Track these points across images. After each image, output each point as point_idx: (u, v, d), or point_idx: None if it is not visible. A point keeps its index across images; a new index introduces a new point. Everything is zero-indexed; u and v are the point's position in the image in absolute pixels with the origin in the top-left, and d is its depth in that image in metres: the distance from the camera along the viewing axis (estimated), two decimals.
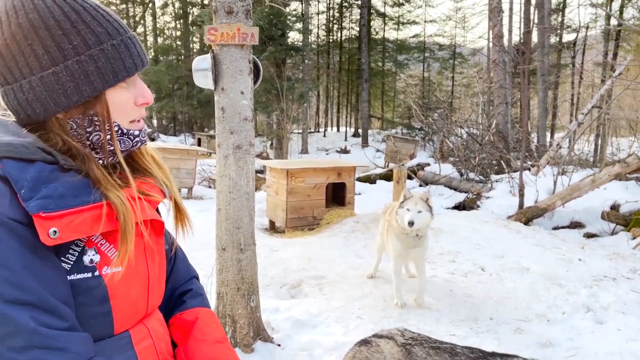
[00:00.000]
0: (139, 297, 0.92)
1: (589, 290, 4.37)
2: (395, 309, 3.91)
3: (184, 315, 1.08)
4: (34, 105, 0.84)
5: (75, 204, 0.80)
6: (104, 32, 0.86)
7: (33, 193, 0.77)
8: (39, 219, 0.76)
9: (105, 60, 0.85)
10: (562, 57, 20.72)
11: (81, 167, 0.86)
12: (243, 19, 3.08)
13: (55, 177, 0.81)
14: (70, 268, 0.82)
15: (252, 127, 3.22)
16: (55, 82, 0.83)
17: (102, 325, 0.86)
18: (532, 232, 6.62)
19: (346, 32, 27.26)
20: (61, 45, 0.83)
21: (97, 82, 0.85)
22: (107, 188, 0.86)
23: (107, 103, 0.88)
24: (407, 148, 13.97)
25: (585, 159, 11.79)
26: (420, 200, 3.72)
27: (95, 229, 0.82)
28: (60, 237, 0.77)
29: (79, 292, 0.82)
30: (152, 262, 0.95)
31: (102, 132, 0.88)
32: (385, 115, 27.17)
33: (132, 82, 0.92)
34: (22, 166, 0.79)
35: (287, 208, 6.64)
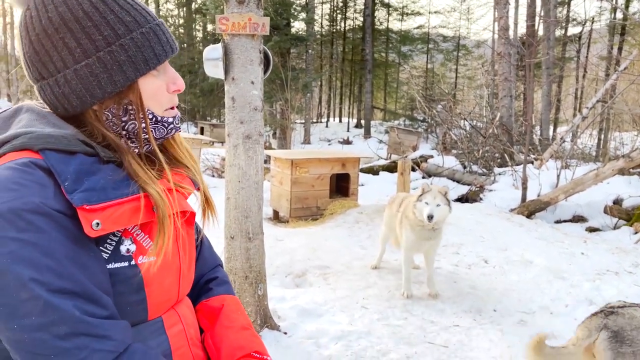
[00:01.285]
0: (171, 285, 0.94)
1: (592, 284, 4.41)
2: (400, 299, 3.95)
3: (211, 302, 1.11)
4: (71, 98, 0.86)
5: (116, 196, 0.82)
6: (132, 20, 0.87)
7: (76, 185, 0.79)
8: (83, 211, 0.78)
9: (135, 49, 0.87)
10: (567, 51, 20.64)
11: (119, 159, 0.88)
12: (254, 9, 3.08)
13: (96, 170, 0.83)
14: (108, 257, 0.84)
15: (261, 117, 3.24)
16: (89, 74, 0.85)
17: (138, 312, 0.88)
18: (535, 225, 6.65)
19: (350, 22, 27.12)
20: (92, 37, 0.84)
21: (130, 71, 0.86)
22: (145, 181, 0.88)
23: (140, 91, 0.89)
24: (409, 140, 13.97)
25: (588, 153, 11.80)
26: (439, 194, 3.74)
27: (135, 220, 0.84)
28: (103, 228, 0.79)
29: (117, 280, 0.84)
30: (184, 252, 0.98)
31: (137, 121, 0.90)
32: (387, 106, 27.11)
33: (163, 69, 0.93)
34: (64, 158, 0.81)
35: (291, 198, 6.67)
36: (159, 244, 0.87)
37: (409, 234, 3.96)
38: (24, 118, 0.88)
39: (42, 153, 0.80)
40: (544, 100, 14.22)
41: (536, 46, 11.29)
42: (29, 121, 0.87)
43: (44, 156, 0.80)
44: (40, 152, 0.80)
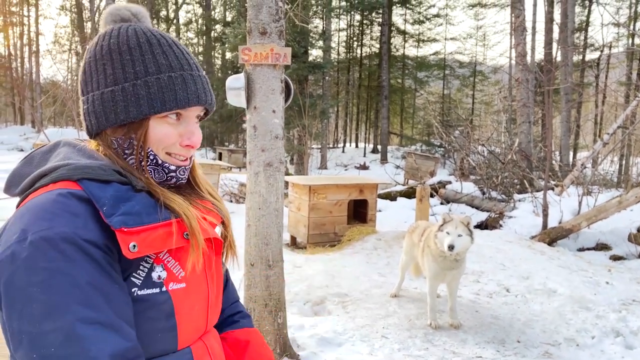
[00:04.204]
0: (200, 314, 0.95)
1: (618, 315, 4.29)
2: (421, 329, 3.89)
3: (237, 333, 1.13)
4: (91, 117, 0.94)
5: (150, 220, 0.85)
6: (166, 64, 0.93)
7: (114, 209, 0.82)
8: (122, 233, 0.81)
9: (157, 88, 0.91)
10: (585, 76, 20.56)
11: (150, 189, 0.92)
12: (276, 40, 3.14)
13: (131, 197, 0.87)
14: (141, 283, 0.85)
15: (282, 145, 3.27)
16: (110, 99, 0.91)
17: (167, 340, 0.89)
18: (556, 253, 6.52)
19: (366, 49, 27.48)
20: (125, 69, 0.92)
21: (144, 106, 0.91)
22: (180, 204, 0.92)
23: (147, 130, 0.93)
24: (427, 165, 13.92)
25: (610, 180, 11.61)
26: (460, 224, 3.70)
27: (168, 245, 0.86)
28: (139, 251, 0.82)
29: (148, 307, 0.85)
30: (212, 280, 0.99)
31: (136, 157, 0.93)
32: (404, 131, 27.16)
33: (184, 121, 0.96)
34: (101, 186, 0.84)
35: (309, 224, 6.67)
36: (192, 264, 0.89)
37: (432, 264, 3.92)
38: (61, 152, 0.93)
39: (80, 183, 0.84)
40: (563, 126, 14.12)
41: (554, 72, 11.27)
42: (67, 154, 0.91)
43: (82, 185, 0.83)
44: (78, 182, 0.84)
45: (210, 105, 0.99)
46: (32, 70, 27.42)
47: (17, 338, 0.75)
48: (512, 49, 18.84)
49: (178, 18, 27.87)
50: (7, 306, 0.76)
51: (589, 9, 20.44)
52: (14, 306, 0.75)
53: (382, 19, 23.40)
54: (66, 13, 28.15)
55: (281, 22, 3.16)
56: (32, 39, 28.13)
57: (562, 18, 13.39)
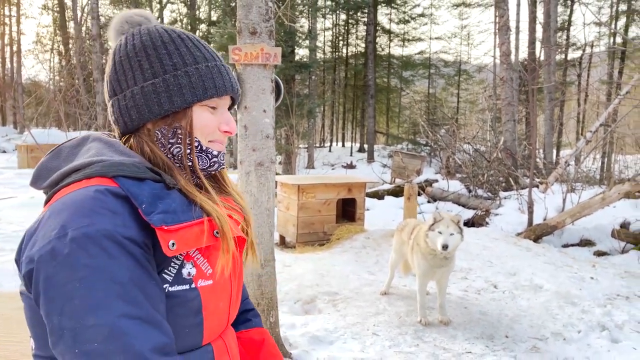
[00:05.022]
0: (223, 311, 0.97)
1: (603, 309, 4.38)
2: (411, 326, 3.93)
3: (251, 333, 1.17)
4: (132, 112, 0.95)
5: (185, 219, 0.87)
6: (201, 55, 0.98)
7: (153, 207, 0.84)
8: (162, 231, 0.82)
9: (197, 77, 0.95)
10: (568, 75, 20.86)
11: (177, 184, 0.93)
12: (266, 40, 3.16)
13: (165, 195, 0.88)
14: (172, 280, 0.87)
15: (273, 144, 3.28)
16: (152, 92, 0.93)
17: (194, 336, 0.91)
18: (542, 249, 6.62)
19: (352, 48, 27.54)
20: (163, 62, 0.94)
21: (188, 95, 0.94)
22: (209, 203, 0.93)
23: (191, 118, 0.96)
24: (413, 164, 14.02)
25: (593, 177, 11.81)
26: (451, 223, 3.74)
27: (200, 243, 0.88)
28: (177, 249, 0.84)
29: (179, 303, 0.87)
30: (234, 278, 1.01)
31: (183, 145, 0.95)
32: (390, 130, 27.29)
33: (220, 110, 1.00)
34: (136, 184, 0.86)
35: (298, 223, 6.68)
36: (221, 267, 0.91)
37: (421, 261, 3.96)
38: (92, 147, 0.94)
39: (116, 180, 0.85)
40: (546, 124, 14.32)
41: (538, 71, 11.43)
42: (99, 150, 0.92)
43: (118, 182, 0.84)
44: (114, 179, 0.85)
45: (238, 95, 1.03)
46: (14, 70, 26.98)
47: (58, 333, 0.76)
48: (496, 48, 19.07)
49: (162, 17, 27.63)
50: (48, 302, 0.77)
51: (571, 8, 20.75)
52: (55, 302, 0.76)
53: (368, 18, 23.48)
54: (48, 12, 27.74)
55: (271, 22, 3.17)
56: (13, 38, 27.68)
57: (545, 18, 13.58)
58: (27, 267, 0.79)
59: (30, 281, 0.80)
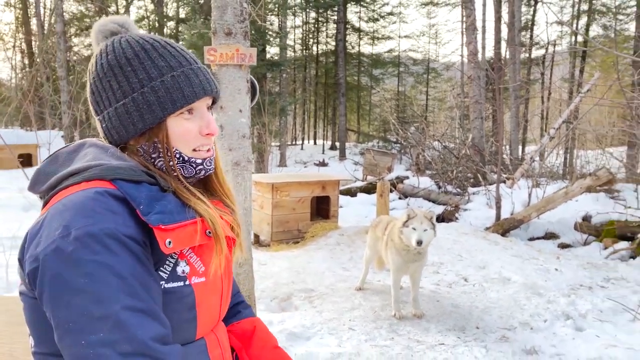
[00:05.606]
0: (215, 306, 1.02)
1: (568, 299, 4.57)
2: (386, 320, 4.03)
3: (242, 324, 1.22)
4: (112, 132, 0.99)
5: (180, 219, 0.92)
6: (166, 65, 0.98)
7: (150, 208, 0.88)
8: (159, 230, 0.87)
9: (164, 91, 0.96)
10: (532, 73, 21.44)
11: (171, 187, 0.98)
12: (241, 40, 3.19)
13: (161, 197, 0.93)
14: (167, 277, 0.92)
15: (249, 144, 3.32)
16: (124, 112, 0.96)
17: (188, 330, 0.96)
18: (510, 243, 6.84)
19: (322, 46, 27.62)
20: (129, 80, 0.96)
21: (158, 111, 0.96)
22: (202, 205, 0.98)
23: (167, 131, 0.98)
24: (384, 161, 14.20)
25: (556, 172, 12.21)
26: (425, 219, 3.84)
27: (193, 242, 0.93)
28: (173, 247, 0.89)
29: (174, 298, 0.92)
30: (225, 275, 1.06)
31: (164, 158, 0.99)
32: (361, 128, 27.51)
33: (198, 113, 1.01)
34: (134, 186, 0.90)
35: (272, 222, 6.72)
36: (214, 266, 0.96)
37: (395, 257, 4.06)
38: (90, 152, 0.98)
39: (115, 182, 0.89)
40: (512, 121, 14.72)
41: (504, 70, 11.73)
42: (97, 155, 0.96)
43: (117, 185, 0.89)
44: (112, 182, 0.89)
45: (216, 93, 1.05)
46: None
47: (64, 327, 0.80)
48: (463, 47, 19.47)
49: (129, 14, 27.11)
50: (54, 297, 0.81)
51: (534, 8, 21.31)
52: (62, 297, 0.80)
53: (338, 16, 23.60)
54: (11, 9, 26.84)
55: (246, 23, 3.21)
56: None
57: (509, 18, 13.94)
58: (32, 265, 0.83)
59: (34, 279, 0.83)
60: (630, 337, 3.84)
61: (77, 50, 22.56)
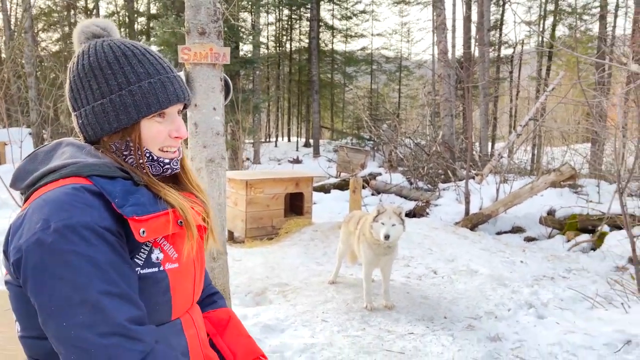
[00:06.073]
0: (188, 290, 1.11)
1: (531, 289, 4.78)
2: (358, 312, 4.15)
3: (218, 313, 1.31)
4: (88, 128, 1.07)
5: (153, 210, 1.00)
6: (144, 72, 1.07)
7: (124, 201, 0.97)
8: (133, 221, 0.96)
9: (140, 95, 1.05)
10: (501, 72, 21.93)
11: (144, 181, 1.06)
12: (215, 39, 3.25)
13: (135, 190, 1.01)
14: (143, 264, 1.01)
15: (223, 141, 3.39)
16: (102, 111, 1.04)
17: (164, 312, 1.05)
18: (478, 237, 7.07)
19: (295, 44, 27.65)
20: (109, 82, 1.05)
21: (133, 112, 1.05)
22: (174, 197, 1.06)
23: (140, 132, 1.07)
24: (358, 158, 14.36)
25: (524, 168, 12.58)
26: (393, 214, 3.98)
27: (166, 231, 1.02)
28: (147, 236, 0.97)
29: (150, 283, 1.01)
30: (198, 262, 1.15)
31: (135, 156, 1.08)
32: (335, 125, 27.67)
33: (170, 118, 1.11)
34: (109, 181, 0.99)
35: (246, 218, 6.78)
36: (187, 251, 1.05)
37: (367, 250, 4.19)
38: (66, 151, 1.05)
39: (91, 179, 0.97)
40: (481, 118, 15.06)
41: (473, 69, 12.02)
42: (73, 153, 1.04)
43: (93, 181, 0.97)
44: (89, 178, 0.97)
45: (188, 100, 1.15)
46: None
47: (47, 311, 0.89)
48: (434, 46, 19.77)
49: (98, 9, 26.58)
50: (37, 285, 0.89)
51: (503, 8, 21.80)
52: (44, 284, 0.88)
53: (311, 14, 23.65)
54: None
55: (219, 23, 3.27)
56: None
57: (479, 17, 14.25)
58: (15, 256, 0.91)
59: (18, 268, 0.92)
60: (587, 324, 4.06)
61: (45, 45, 22.02)
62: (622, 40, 13.82)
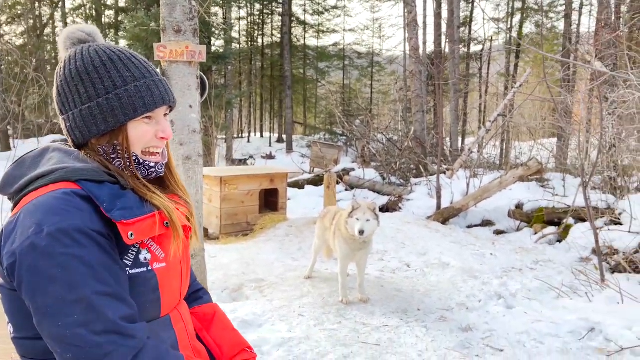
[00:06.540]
0: (176, 288, 1.16)
1: (500, 281, 4.94)
2: (334, 306, 4.23)
3: (204, 308, 1.36)
4: (76, 131, 1.09)
5: (140, 213, 1.04)
6: (130, 76, 1.10)
7: (112, 205, 1.00)
8: (122, 224, 0.99)
9: (127, 99, 1.08)
10: (470, 68, 22.33)
11: (129, 184, 1.09)
12: (191, 38, 3.26)
13: (122, 194, 1.05)
14: (131, 264, 1.05)
15: (199, 138, 3.40)
16: (89, 115, 1.07)
17: (153, 309, 1.09)
18: (449, 231, 7.24)
19: (267, 39, 27.54)
20: (96, 86, 1.07)
21: (120, 115, 1.08)
22: (159, 199, 1.10)
23: (127, 134, 1.10)
24: (331, 153, 14.45)
25: (493, 162, 12.88)
26: (368, 210, 4.05)
27: (153, 232, 1.06)
28: (135, 238, 1.01)
29: (139, 282, 1.05)
30: (183, 259, 1.20)
31: (122, 159, 1.11)
32: (307, 121, 27.70)
33: (155, 119, 1.14)
34: (96, 186, 1.02)
35: (221, 215, 6.77)
36: (173, 250, 1.09)
37: (343, 245, 4.26)
38: (54, 156, 1.08)
39: (79, 183, 1.00)
40: (452, 114, 15.34)
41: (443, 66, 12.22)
42: (61, 159, 1.07)
43: (82, 186, 1.00)
44: (77, 183, 1.00)
45: (174, 102, 1.18)
46: None
47: (42, 312, 0.92)
48: (405, 42, 19.98)
49: (64, 1, 25.88)
50: (32, 287, 0.92)
51: (472, 5, 22.18)
52: (39, 286, 0.91)
53: (283, 9, 23.59)
54: None
55: (195, 21, 3.27)
56: None
57: (449, 15, 14.49)
58: (9, 260, 0.94)
59: (12, 272, 0.94)
60: (554, 313, 4.23)
61: (8, 39, 21.33)
62: (586, 39, 14.26)
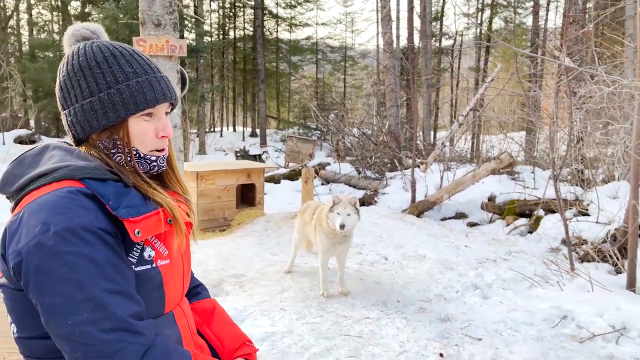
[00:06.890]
0: (179, 284, 1.17)
1: (476, 272, 5.06)
2: (315, 299, 4.26)
3: (203, 303, 1.37)
4: (76, 126, 1.08)
5: (145, 211, 1.04)
6: (132, 71, 1.10)
7: (118, 203, 1.00)
8: (129, 222, 0.99)
9: (129, 93, 1.08)
10: (442, 63, 22.62)
11: (131, 182, 1.09)
12: (171, 32, 3.22)
13: (126, 192, 1.04)
14: (136, 262, 1.05)
15: (180, 134, 3.38)
16: (90, 109, 1.07)
17: (158, 306, 1.10)
18: (424, 223, 7.36)
19: (240, 32, 27.27)
20: (97, 81, 1.07)
21: (121, 110, 1.08)
22: (161, 196, 1.10)
23: (128, 129, 1.10)
24: (306, 148, 14.46)
25: (465, 156, 13.12)
26: (349, 205, 4.09)
27: (159, 229, 1.06)
28: (141, 236, 1.01)
29: (144, 280, 1.05)
30: (185, 257, 1.21)
31: (123, 154, 1.11)
32: (281, 115, 27.61)
33: (156, 117, 1.14)
34: (101, 184, 1.01)
35: (197, 210, 6.72)
36: (177, 246, 1.10)
37: (324, 239, 4.30)
38: (55, 154, 1.07)
39: (83, 181, 1.00)
40: (425, 108, 15.54)
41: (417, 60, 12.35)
42: (62, 157, 1.06)
43: (86, 184, 1.00)
44: (81, 181, 1.00)
45: (175, 100, 1.18)
46: None
47: (50, 311, 0.92)
48: (379, 36, 20.10)
49: None
50: (39, 286, 0.92)
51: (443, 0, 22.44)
52: (46, 285, 0.91)
53: (255, 1, 23.38)
54: None
55: (175, 15, 3.24)
56: None
57: (422, 10, 14.63)
58: (15, 260, 0.94)
59: (19, 272, 0.94)
60: (527, 302, 4.36)
61: None
62: (554, 34, 14.61)
